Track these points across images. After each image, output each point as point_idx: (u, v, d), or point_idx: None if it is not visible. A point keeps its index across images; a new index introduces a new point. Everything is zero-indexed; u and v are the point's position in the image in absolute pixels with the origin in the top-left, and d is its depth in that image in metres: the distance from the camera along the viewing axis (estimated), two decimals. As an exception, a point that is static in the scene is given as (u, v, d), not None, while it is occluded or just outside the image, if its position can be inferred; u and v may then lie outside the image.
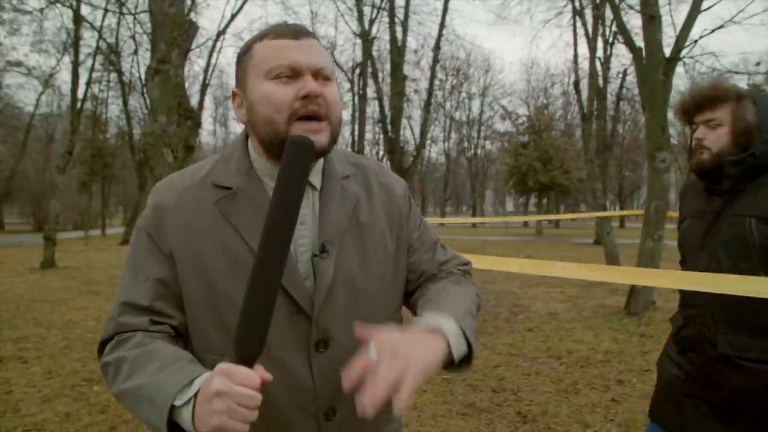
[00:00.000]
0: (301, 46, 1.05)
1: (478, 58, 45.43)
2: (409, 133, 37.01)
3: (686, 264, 1.94)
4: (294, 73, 1.04)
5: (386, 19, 18.46)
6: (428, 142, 48.71)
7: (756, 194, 1.76)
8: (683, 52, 7.69)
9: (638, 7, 8.07)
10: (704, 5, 7.58)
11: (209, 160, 1.19)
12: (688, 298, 1.85)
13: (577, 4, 18.10)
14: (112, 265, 14.79)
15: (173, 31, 5.06)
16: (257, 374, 0.85)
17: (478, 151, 49.53)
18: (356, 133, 26.59)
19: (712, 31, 7.69)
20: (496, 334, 6.64)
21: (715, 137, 1.82)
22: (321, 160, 1.16)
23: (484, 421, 3.99)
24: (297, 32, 1.06)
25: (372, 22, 20.76)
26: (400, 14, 18.37)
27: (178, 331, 1.09)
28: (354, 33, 22.32)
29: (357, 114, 26.08)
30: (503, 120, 42.11)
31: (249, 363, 0.86)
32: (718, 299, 1.71)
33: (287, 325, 1.05)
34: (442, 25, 18.07)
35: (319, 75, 1.06)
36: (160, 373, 0.94)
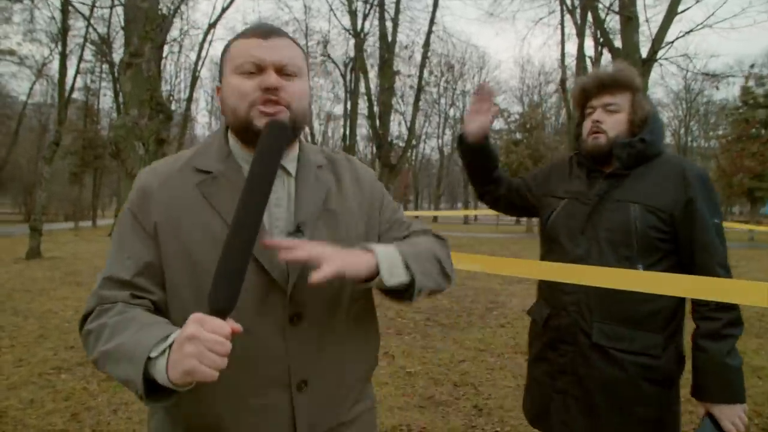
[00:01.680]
0: (267, 45, 1.16)
1: (473, 55, 45.42)
2: (403, 129, 37.09)
3: (559, 246, 1.88)
4: (258, 69, 1.15)
5: (377, 14, 18.48)
6: (423, 138, 48.79)
7: (639, 181, 1.77)
8: (660, 53, 7.78)
9: (617, 9, 8.15)
10: (679, 8, 7.68)
11: (190, 149, 1.29)
12: (561, 284, 1.80)
13: (568, 3, 18.20)
14: (98, 256, 14.83)
15: (146, 25, 5.11)
16: (228, 324, 0.93)
17: (472, 148, 49.49)
18: (348, 128, 26.64)
19: (687, 33, 7.80)
20: (468, 329, 6.73)
21: (614, 122, 1.83)
22: (296, 150, 1.27)
23: (441, 413, 4.07)
24: (266, 32, 1.18)
25: (365, 17, 20.81)
26: (391, 10, 18.43)
27: (158, 306, 1.15)
28: (344, 29, 22.32)
29: (349, 109, 26.11)
30: (496, 117, 42.18)
31: (221, 315, 0.94)
32: (596, 286, 1.71)
33: (263, 299, 1.12)
34: (432, 22, 18.16)
35: (283, 71, 1.16)
36: (139, 333, 1.01)
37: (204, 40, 21.19)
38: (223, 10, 19.89)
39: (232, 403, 1.13)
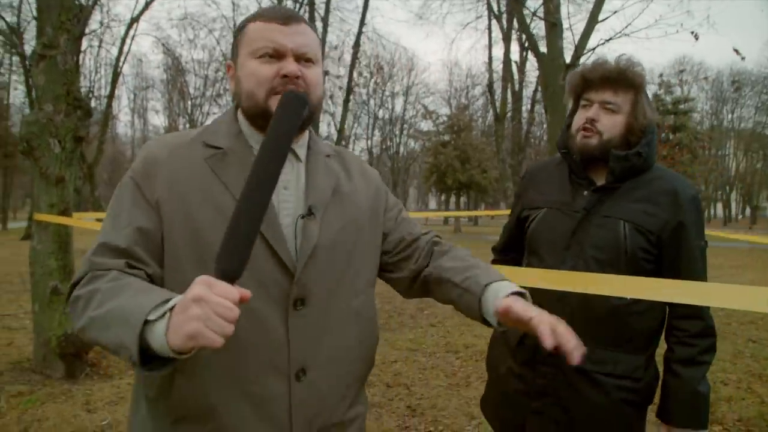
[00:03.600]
0: (288, 30, 1.16)
1: (402, 57, 45.85)
2: (332, 130, 36.90)
3: (540, 261, 1.75)
4: (277, 54, 1.14)
5: (307, 15, 18.30)
6: (352, 139, 48.76)
7: (629, 196, 1.67)
8: (582, 59, 8.06)
9: (542, 15, 8.39)
10: (601, 17, 8.01)
11: (200, 127, 1.26)
12: (543, 302, 1.59)
13: (495, 8, 18.65)
14: (7, 261, 13.92)
15: (61, 15, 4.82)
16: (237, 290, 0.87)
17: (401, 149, 50.04)
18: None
19: (606, 41, 8.16)
20: (400, 330, 6.75)
21: (611, 123, 1.67)
22: (306, 136, 1.28)
23: (374, 415, 4.04)
24: (287, 18, 1.17)
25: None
26: (321, 10, 18.31)
27: (153, 280, 1.09)
28: (274, 26, 21.95)
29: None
30: (425, 119, 42.75)
31: (230, 280, 0.88)
32: (582, 309, 1.63)
33: (267, 280, 1.09)
34: (362, 23, 18.14)
35: (302, 58, 1.16)
36: (135, 297, 0.95)
37: (126, 34, 20.27)
38: (147, 4, 19.09)
39: (227, 391, 1.08)
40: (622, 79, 1.67)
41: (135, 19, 19.58)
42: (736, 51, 7.90)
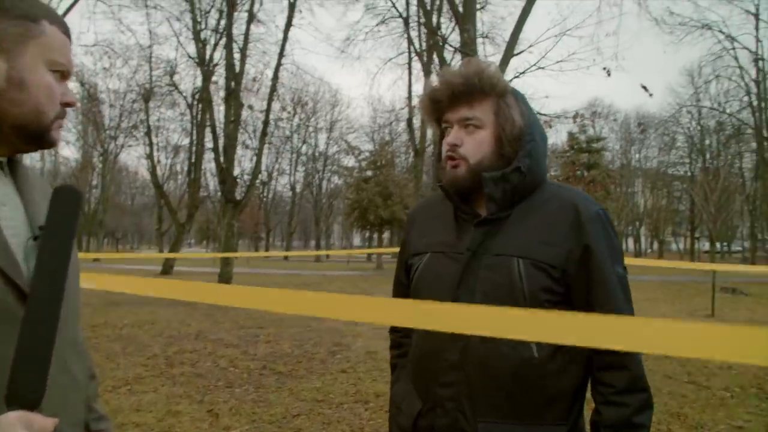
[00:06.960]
0: (70, 49, 1.05)
1: (326, 93, 45.80)
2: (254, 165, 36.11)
3: None
4: (67, 77, 1.04)
5: (224, 46, 17.82)
6: (275, 175, 48.07)
7: (521, 224, 1.36)
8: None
9: (458, 46, 8.33)
10: (517, 50, 8.03)
11: None
12: (437, 372, 1.36)
13: (416, 45, 18.83)
14: None
15: None
16: (51, 421, 0.84)
17: (324, 185, 49.73)
18: (194, 161, 25.42)
19: (521, 73, 8.21)
20: (307, 377, 6.20)
21: (475, 143, 1.37)
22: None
23: (265, 484, 3.50)
24: (68, 33, 1.05)
25: (215, 46, 20.09)
26: (240, 41, 17.86)
27: None
28: (189, 57, 21.33)
29: (195, 142, 24.97)
30: (348, 155, 42.74)
31: (35, 407, 0.83)
32: (480, 372, 1.29)
33: (7, 313, 0.92)
34: (281, 55, 17.79)
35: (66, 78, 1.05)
36: None
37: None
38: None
39: None
40: (473, 88, 1.36)
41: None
42: (644, 87, 8.06)
